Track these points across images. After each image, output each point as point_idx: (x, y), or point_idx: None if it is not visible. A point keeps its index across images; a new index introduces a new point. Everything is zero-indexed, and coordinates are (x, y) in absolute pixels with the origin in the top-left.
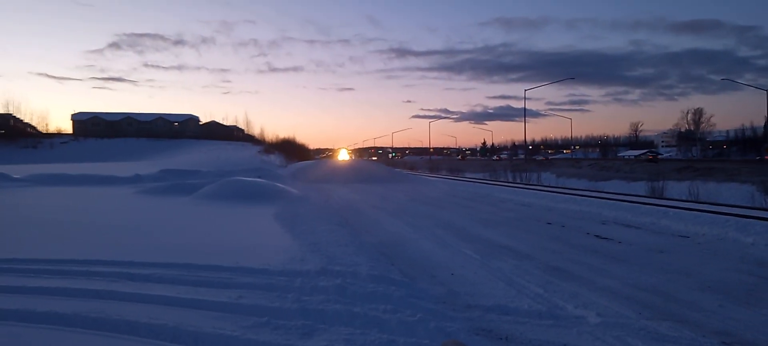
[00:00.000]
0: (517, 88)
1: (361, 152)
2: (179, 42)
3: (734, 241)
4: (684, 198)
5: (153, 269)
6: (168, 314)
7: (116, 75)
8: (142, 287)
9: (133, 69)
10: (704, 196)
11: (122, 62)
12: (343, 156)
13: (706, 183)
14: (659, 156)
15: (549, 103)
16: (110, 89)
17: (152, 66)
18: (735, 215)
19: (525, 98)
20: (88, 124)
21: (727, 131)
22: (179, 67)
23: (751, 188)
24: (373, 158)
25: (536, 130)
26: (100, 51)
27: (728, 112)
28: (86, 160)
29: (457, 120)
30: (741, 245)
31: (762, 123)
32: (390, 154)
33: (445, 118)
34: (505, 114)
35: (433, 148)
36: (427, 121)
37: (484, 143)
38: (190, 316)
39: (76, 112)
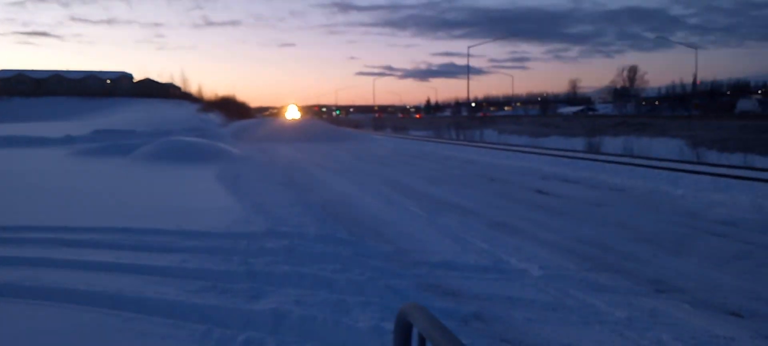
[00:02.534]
0: (460, 45)
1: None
2: None
3: (666, 193)
4: (619, 153)
5: (90, 233)
6: (107, 281)
7: (41, 29)
8: (79, 253)
9: (59, 23)
10: (638, 150)
11: (46, 15)
12: (293, 114)
13: (639, 138)
14: (596, 112)
15: (492, 60)
16: (35, 44)
17: (80, 20)
18: (666, 168)
19: (468, 55)
20: (12, 82)
21: (660, 88)
22: (109, 22)
23: (681, 143)
24: (324, 116)
25: (479, 88)
26: (21, 3)
27: (661, 69)
28: (12, 120)
29: (401, 77)
30: (672, 196)
31: (691, 80)
32: (334, 113)
33: (389, 75)
34: (448, 71)
35: (377, 106)
36: (371, 78)
37: (428, 101)
38: (131, 282)
39: None
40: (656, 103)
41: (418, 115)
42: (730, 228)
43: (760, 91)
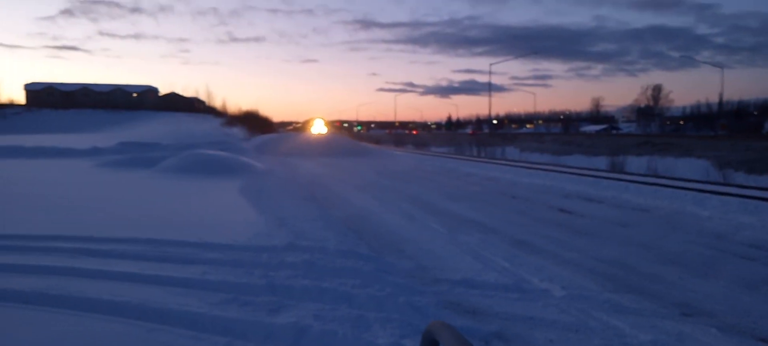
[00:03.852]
0: (482, 62)
1: (328, 125)
2: (136, 9)
3: (692, 214)
4: (643, 172)
5: (114, 244)
6: (131, 291)
7: (70, 43)
8: (104, 263)
9: (88, 37)
10: (662, 170)
11: (76, 30)
12: (319, 128)
13: (664, 158)
14: (620, 131)
15: (513, 77)
16: (64, 58)
17: (108, 34)
18: (692, 189)
19: (490, 72)
20: (42, 95)
21: (684, 107)
22: (136, 36)
23: (706, 163)
24: (344, 132)
25: (500, 105)
26: (52, 18)
27: (686, 88)
28: (41, 131)
29: (422, 94)
30: (698, 218)
31: (717, 99)
32: (355, 128)
33: (410, 91)
34: (469, 88)
35: (398, 122)
36: (392, 94)
37: (449, 117)
38: (155, 292)
39: (29, 82)
40: (681, 122)
41: (414, 131)
42: (759, 251)
43: None
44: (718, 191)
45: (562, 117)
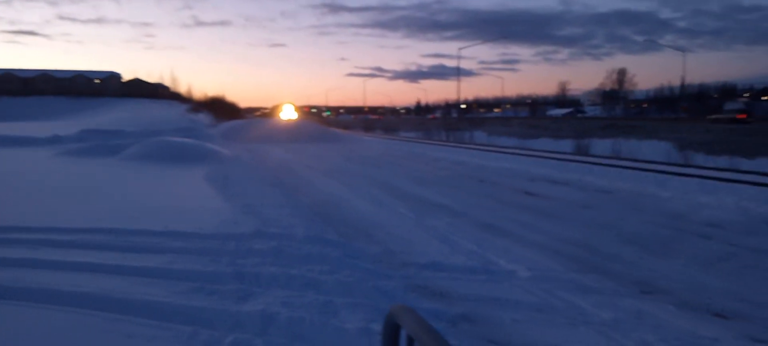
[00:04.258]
0: (451, 47)
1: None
2: None
3: (653, 195)
4: (607, 155)
5: (77, 234)
6: (94, 282)
7: (28, 28)
8: (66, 253)
9: (47, 22)
10: (626, 153)
11: (34, 14)
12: (289, 114)
13: (627, 141)
14: (585, 115)
15: (482, 62)
16: (22, 43)
17: (68, 19)
18: (653, 170)
19: (458, 57)
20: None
21: (648, 90)
22: (98, 21)
23: (668, 145)
24: (324, 114)
25: (469, 89)
26: (8, 1)
27: (649, 72)
28: None
29: (392, 78)
30: (659, 199)
31: (679, 83)
32: (324, 113)
33: (379, 76)
34: (438, 73)
35: (368, 107)
36: (361, 79)
37: (418, 102)
38: (118, 283)
39: None
40: (644, 105)
41: (379, 116)
42: (716, 230)
43: (746, 94)
44: (679, 172)
45: (529, 101)
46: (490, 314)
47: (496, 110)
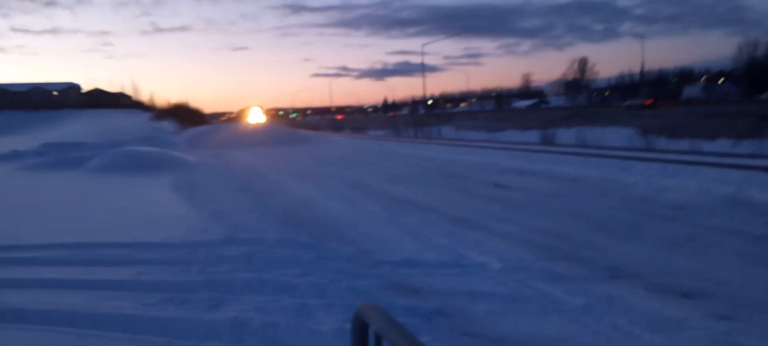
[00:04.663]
0: (415, 43)
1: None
2: (50, 3)
3: (618, 181)
4: (573, 143)
5: (41, 250)
6: (61, 298)
7: None
8: (30, 271)
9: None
10: (591, 140)
11: None
12: (256, 117)
13: (591, 129)
14: (549, 105)
15: (446, 57)
16: None
17: (21, 30)
18: (618, 156)
19: (422, 53)
20: None
21: (609, 78)
22: (53, 31)
23: (631, 131)
24: (291, 116)
25: (435, 85)
26: None
27: (610, 60)
28: None
29: (358, 77)
30: (624, 184)
31: (639, 70)
32: (291, 115)
33: (345, 75)
34: (404, 70)
35: (335, 107)
36: (327, 79)
37: (385, 100)
38: (86, 297)
39: None
40: (606, 93)
41: (339, 116)
42: (680, 212)
43: (703, 78)
44: (642, 157)
45: (494, 94)
46: (464, 307)
47: (462, 105)
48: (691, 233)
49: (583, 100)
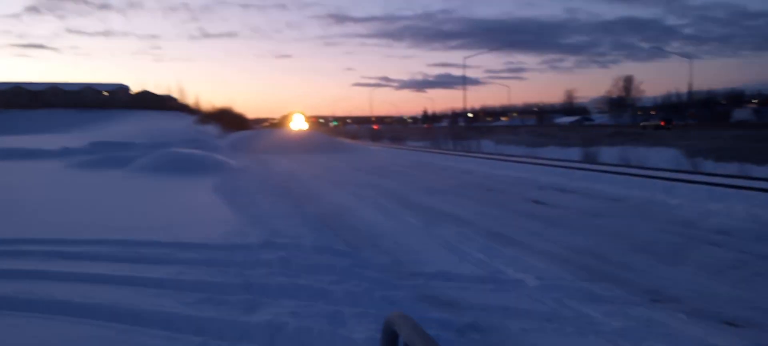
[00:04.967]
0: (456, 56)
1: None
2: (104, 6)
3: (662, 203)
4: (616, 162)
5: (86, 246)
6: (103, 293)
7: (37, 41)
8: (75, 265)
9: (55, 35)
10: (634, 160)
11: (42, 28)
12: (298, 124)
13: (635, 148)
14: (592, 122)
15: (488, 70)
16: (31, 57)
17: (76, 32)
18: (662, 177)
19: (464, 66)
20: (9, 95)
21: (655, 97)
22: (105, 33)
23: (677, 152)
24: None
25: (476, 98)
26: (17, 15)
27: (656, 79)
28: (9, 133)
29: (398, 88)
30: (668, 206)
31: (686, 90)
32: (331, 123)
33: (385, 86)
34: (445, 82)
35: (374, 116)
36: (367, 89)
37: (425, 111)
38: (128, 294)
39: None
40: (652, 112)
41: (375, 126)
42: (726, 237)
43: (755, 101)
44: (688, 179)
45: (536, 109)
46: (499, 323)
47: (503, 119)
48: (737, 259)
49: (628, 118)
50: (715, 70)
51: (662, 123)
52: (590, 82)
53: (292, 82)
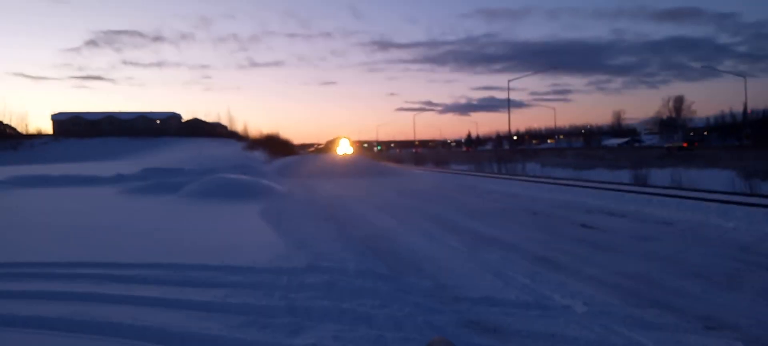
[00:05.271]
0: (500, 79)
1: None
2: (158, 38)
3: (716, 226)
4: (667, 185)
5: (137, 269)
6: (153, 315)
7: (95, 73)
8: (127, 288)
9: (112, 67)
10: (686, 182)
11: (100, 60)
12: (344, 148)
13: (688, 170)
14: (642, 144)
15: (533, 93)
16: (89, 88)
17: (131, 63)
18: (716, 200)
19: (508, 89)
20: (68, 124)
21: (708, 118)
22: (159, 64)
23: (731, 174)
24: (375, 149)
25: (520, 120)
26: (77, 49)
27: (708, 98)
28: (67, 160)
29: (442, 112)
30: (722, 230)
31: (741, 109)
32: (375, 148)
33: (429, 110)
34: (488, 105)
35: (418, 140)
36: (411, 113)
37: (469, 134)
38: (176, 316)
39: (55, 112)
40: (705, 133)
41: (415, 149)
42: None
43: None
44: (743, 202)
45: (583, 131)
46: None
47: (549, 141)
48: None
49: (679, 139)
50: None
51: (684, 144)
52: (639, 103)
53: (337, 108)
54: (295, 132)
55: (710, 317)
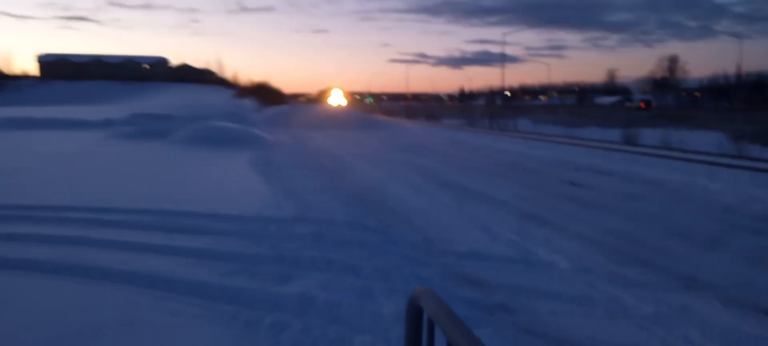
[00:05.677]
0: (495, 33)
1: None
2: None
3: (703, 188)
4: (657, 145)
5: (126, 215)
6: (142, 260)
7: (80, 14)
8: (115, 233)
9: (98, 8)
10: (676, 143)
11: (86, 0)
12: (337, 99)
13: (678, 131)
14: (633, 102)
15: (528, 48)
16: (74, 29)
17: (117, 5)
18: (704, 162)
19: (503, 43)
20: (55, 67)
21: (701, 79)
22: (146, 6)
23: (721, 136)
24: (366, 100)
25: (514, 76)
26: None
27: (703, 59)
28: (54, 103)
29: (435, 65)
30: (709, 191)
31: (735, 71)
32: (367, 100)
33: (422, 62)
34: (483, 59)
35: (411, 94)
36: (404, 65)
37: (462, 89)
38: (165, 262)
39: (42, 53)
40: (697, 94)
41: (404, 103)
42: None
43: None
44: (731, 164)
45: (576, 88)
46: (528, 304)
47: (542, 98)
48: None
49: (672, 100)
50: (767, 51)
51: (643, 105)
52: (634, 62)
53: (329, 58)
54: (286, 81)
55: (691, 277)
